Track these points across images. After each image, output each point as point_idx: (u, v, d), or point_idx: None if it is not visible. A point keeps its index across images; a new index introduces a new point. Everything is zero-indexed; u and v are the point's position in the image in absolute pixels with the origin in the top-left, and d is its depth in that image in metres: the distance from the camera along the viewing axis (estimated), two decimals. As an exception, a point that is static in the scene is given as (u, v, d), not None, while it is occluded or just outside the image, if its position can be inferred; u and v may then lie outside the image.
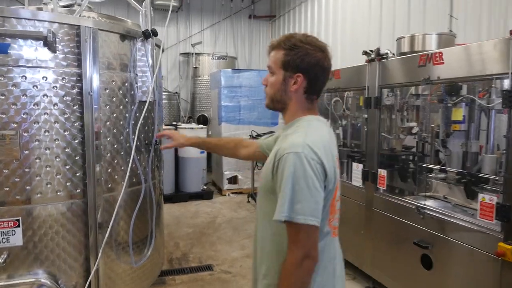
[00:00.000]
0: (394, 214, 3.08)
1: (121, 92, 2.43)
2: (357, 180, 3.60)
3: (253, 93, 7.76)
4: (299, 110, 1.52)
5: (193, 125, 7.43)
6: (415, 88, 3.28)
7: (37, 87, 2.10)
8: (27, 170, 2.11)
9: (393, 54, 3.48)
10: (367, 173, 3.44)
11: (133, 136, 2.49)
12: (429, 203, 2.83)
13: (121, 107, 2.45)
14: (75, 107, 2.21)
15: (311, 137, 1.39)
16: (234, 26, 9.97)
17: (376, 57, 3.30)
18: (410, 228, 2.89)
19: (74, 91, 2.21)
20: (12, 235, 2.11)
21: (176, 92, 9.16)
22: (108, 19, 4.80)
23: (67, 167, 2.21)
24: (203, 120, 8.62)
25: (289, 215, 1.30)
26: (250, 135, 6.92)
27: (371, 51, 3.43)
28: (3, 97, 2.04)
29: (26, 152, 2.10)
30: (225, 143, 2.11)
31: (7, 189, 2.08)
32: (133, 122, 2.50)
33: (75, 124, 2.22)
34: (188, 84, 9.24)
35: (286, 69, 1.47)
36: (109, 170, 2.39)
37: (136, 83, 2.53)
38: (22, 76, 2.06)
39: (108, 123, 2.37)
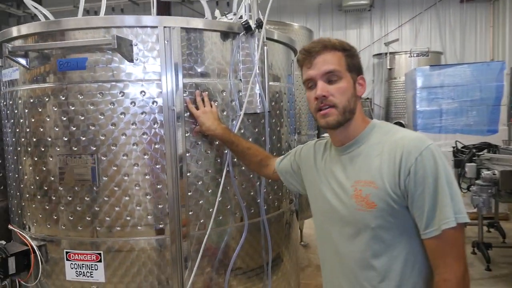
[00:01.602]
0: None
1: (216, 103, 1.95)
2: None
3: (460, 93, 6.18)
4: (364, 116, 1.40)
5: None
6: None
7: (114, 104, 1.82)
8: (106, 199, 1.85)
9: None
10: None
11: (233, 159, 1.97)
12: None
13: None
14: (155, 126, 1.85)
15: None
16: (441, 15, 8.36)
17: None
18: None
19: (155, 106, 1.84)
20: (95, 269, 1.89)
21: (368, 98, 8.26)
22: (273, 25, 4.50)
23: (148, 197, 1.86)
24: (400, 128, 7.55)
25: (455, 218, 1.14)
26: (453, 147, 5.45)
27: None
28: (82, 118, 1.84)
29: (105, 178, 1.84)
30: (252, 154, 1.84)
31: (89, 218, 1.87)
32: (234, 141, 1.97)
33: (156, 146, 1.85)
34: (382, 88, 8.23)
35: (351, 71, 1.35)
36: (200, 202, 1.93)
37: (239, 92, 2.00)
38: (99, 93, 1.82)
39: (199, 143, 1.92)
